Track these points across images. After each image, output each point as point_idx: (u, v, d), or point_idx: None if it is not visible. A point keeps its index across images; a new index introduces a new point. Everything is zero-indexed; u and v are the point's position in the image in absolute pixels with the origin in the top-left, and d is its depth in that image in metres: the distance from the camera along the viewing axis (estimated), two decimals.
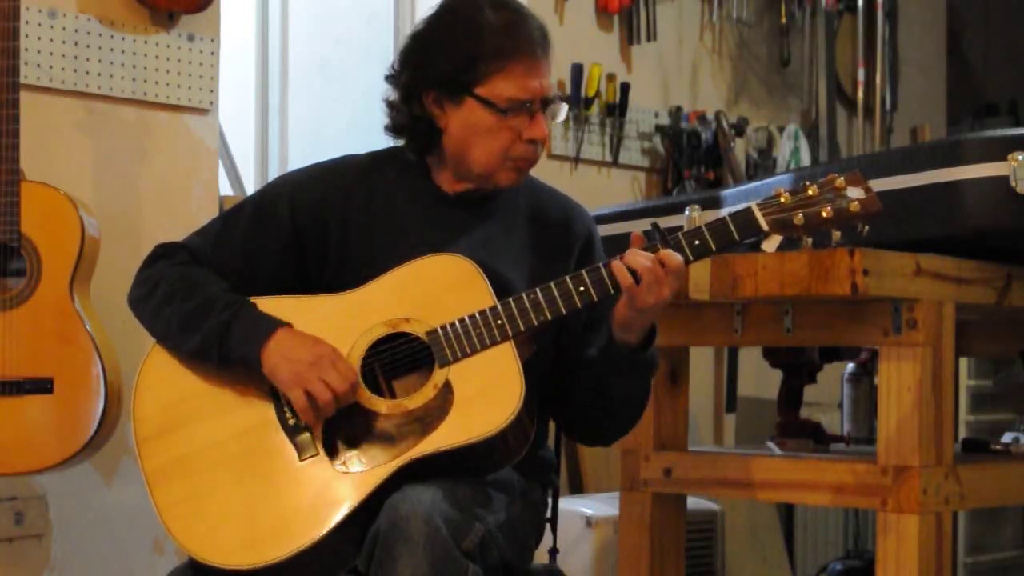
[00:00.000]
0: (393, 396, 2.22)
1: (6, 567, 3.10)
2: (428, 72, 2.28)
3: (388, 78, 2.36)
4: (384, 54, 2.29)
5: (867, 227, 2.21)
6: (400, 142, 2.40)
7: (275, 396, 2.22)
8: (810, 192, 2.20)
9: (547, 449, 2.47)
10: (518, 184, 2.34)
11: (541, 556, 2.46)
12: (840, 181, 2.20)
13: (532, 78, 2.25)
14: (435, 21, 2.32)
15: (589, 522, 3.39)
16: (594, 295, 2.20)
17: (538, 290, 2.20)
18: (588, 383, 2.32)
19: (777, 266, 2.55)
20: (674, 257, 2.17)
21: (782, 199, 2.20)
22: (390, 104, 2.36)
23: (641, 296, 2.17)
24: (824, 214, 2.18)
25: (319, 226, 2.33)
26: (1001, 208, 2.57)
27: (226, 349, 2.20)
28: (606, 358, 2.28)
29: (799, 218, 2.19)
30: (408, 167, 2.37)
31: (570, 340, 2.37)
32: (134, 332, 2.43)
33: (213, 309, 2.23)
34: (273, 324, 2.21)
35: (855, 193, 2.19)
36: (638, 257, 2.17)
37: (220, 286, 2.28)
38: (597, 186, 4.32)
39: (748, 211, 2.20)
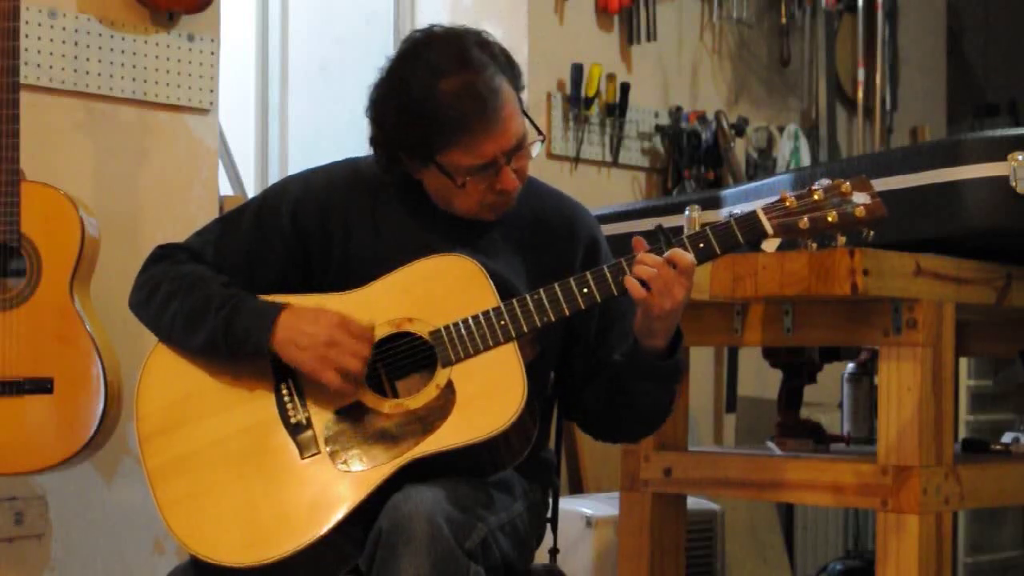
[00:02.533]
0: (396, 396, 2.22)
1: (6, 567, 3.10)
2: (391, 139, 2.25)
3: (367, 114, 2.31)
4: (384, 54, 2.29)
5: (872, 232, 2.21)
6: None
7: (278, 394, 2.22)
8: (815, 197, 2.19)
9: (548, 450, 2.47)
10: (506, 213, 2.32)
11: (541, 556, 2.46)
12: (846, 186, 2.20)
13: (489, 143, 2.19)
14: (388, 91, 2.24)
15: (589, 522, 3.39)
16: (597, 296, 2.19)
17: (541, 291, 2.19)
18: (614, 388, 2.32)
19: (777, 266, 2.55)
20: (684, 256, 2.16)
21: (787, 203, 2.19)
22: (371, 141, 2.32)
23: (655, 304, 2.16)
24: (830, 219, 2.18)
25: (321, 229, 2.32)
26: (1001, 208, 2.57)
27: (234, 345, 2.21)
28: (632, 364, 2.28)
29: (804, 222, 2.18)
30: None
31: (585, 344, 2.37)
32: (134, 332, 2.43)
33: (211, 306, 2.23)
34: (272, 312, 2.20)
35: (861, 198, 2.19)
36: (645, 267, 2.16)
37: (219, 281, 2.28)
38: (597, 186, 4.32)
39: (753, 215, 2.19)
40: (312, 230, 2.32)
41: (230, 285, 2.28)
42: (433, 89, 2.18)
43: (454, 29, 2.26)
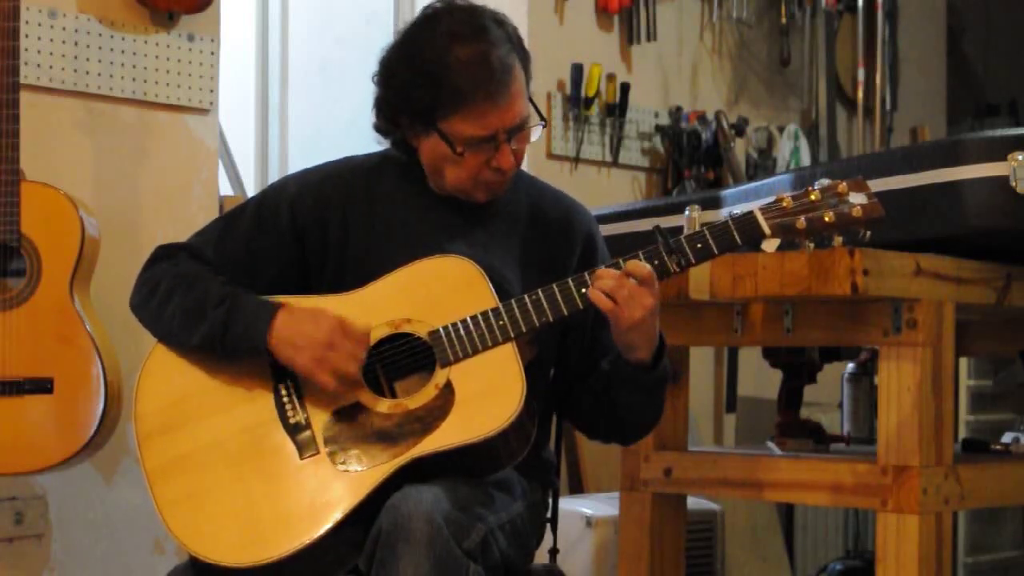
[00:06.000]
0: (394, 396, 2.22)
1: (6, 567, 3.10)
2: (396, 101, 2.28)
3: (373, 79, 2.35)
4: None
5: (869, 232, 2.21)
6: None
7: (276, 394, 2.22)
8: (812, 197, 2.20)
9: (548, 450, 2.47)
10: (495, 197, 2.33)
11: (541, 556, 2.46)
12: (843, 186, 2.20)
13: (493, 116, 2.22)
14: (401, 53, 2.28)
15: (589, 522, 3.39)
16: None
17: (540, 291, 2.20)
18: (601, 395, 2.33)
19: (777, 266, 2.55)
20: (640, 266, 2.16)
21: (784, 203, 2.20)
22: (376, 104, 2.36)
23: (624, 314, 2.16)
24: (827, 219, 2.19)
25: (320, 227, 2.33)
26: (1001, 208, 2.57)
27: (230, 346, 2.21)
28: (616, 374, 2.28)
29: (801, 222, 2.19)
30: (407, 168, 2.38)
31: (580, 341, 2.37)
32: (134, 332, 2.43)
33: (207, 305, 2.23)
34: (269, 311, 2.20)
35: (857, 198, 2.20)
36: (605, 280, 2.16)
37: (216, 280, 2.28)
38: (597, 186, 4.32)
39: (750, 215, 2.20)
40: (310, 225, 2.33)
41: (229, 283, 2.28)
42: (447, 54, 2.20)
43: (473, 3, 2.29)
